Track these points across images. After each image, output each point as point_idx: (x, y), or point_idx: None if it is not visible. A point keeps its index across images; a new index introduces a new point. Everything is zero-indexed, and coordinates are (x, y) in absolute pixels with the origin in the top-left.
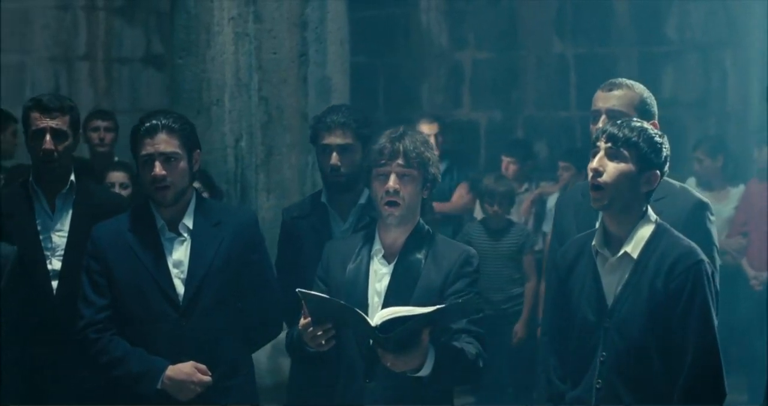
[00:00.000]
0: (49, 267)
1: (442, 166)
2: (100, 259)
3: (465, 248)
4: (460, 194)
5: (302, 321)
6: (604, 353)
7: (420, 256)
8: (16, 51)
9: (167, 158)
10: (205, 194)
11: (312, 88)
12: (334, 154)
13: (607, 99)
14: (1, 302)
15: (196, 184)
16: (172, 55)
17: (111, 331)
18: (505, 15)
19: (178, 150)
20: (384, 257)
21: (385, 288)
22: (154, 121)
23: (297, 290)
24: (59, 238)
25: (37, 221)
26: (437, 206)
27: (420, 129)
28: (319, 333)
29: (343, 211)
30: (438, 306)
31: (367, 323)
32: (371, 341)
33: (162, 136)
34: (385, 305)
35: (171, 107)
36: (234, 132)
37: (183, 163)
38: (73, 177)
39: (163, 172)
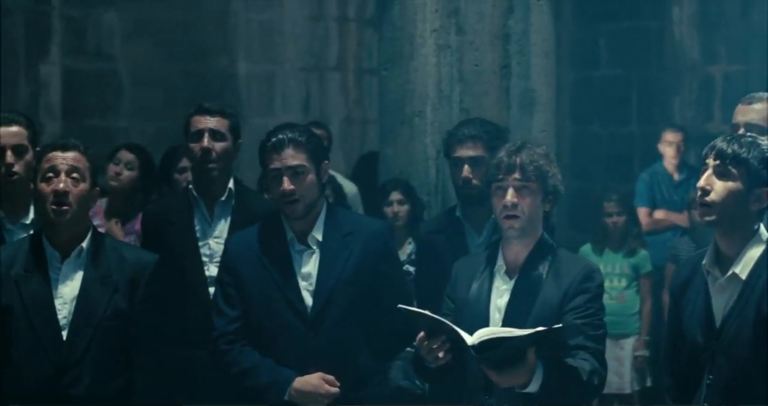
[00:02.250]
0: (207, 273)
1: (680, 177)
2: (232, 271)
3: (587, 263)
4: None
5: (419, 335)
6: (710, 376)
7: (541, 271)
8: (267, 61)
9: (295, 172)
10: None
11: (514, 101)
12: (466, 166)
13: (745, 113)
14: (138, 309)
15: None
16: (379, 67)
17: (241, 342)
18: (756, 28)
19: (305, 163)
20: (506, 272)
21: (506, 304)
22: (280, 136)
23: (398, 306)
24: (217, 244)
25: (196, 228)
26: (668, 215)
27: (664, 138)
28: (434, 347)
29: (478, 224)
30: (537, 329)
31: (463, 340)
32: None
33: (289, 151)
34: (505, 322)
35: (379, 118)
36: (435, 144)
37: (311, 177)
38: (231, 185)
39: (292, 187)
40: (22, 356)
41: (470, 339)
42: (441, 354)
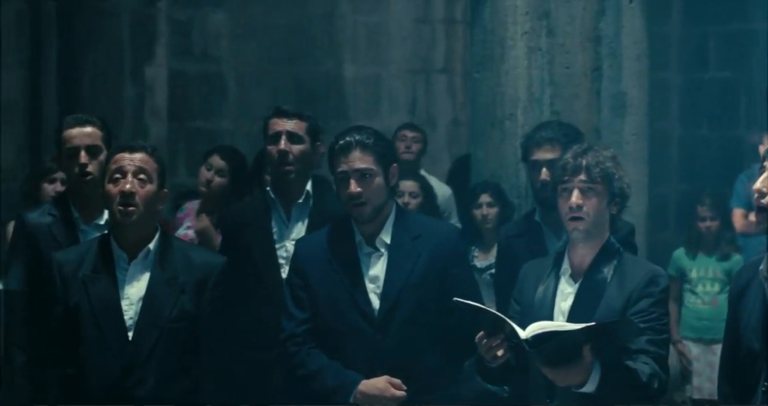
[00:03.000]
0: (283, 275)
1: None
2: (301, 273)
3: (652, 268)
4: None
5: (478, 335)
6: (766, 383)
7: (606, 275)
8: (373, 64)
9: (362, 175)
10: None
11: (605, 103)
12: (544, 169)
13: None
14: (204, 311)
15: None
16: (471, 70)
17: (309, 344)
18: None
19: (372, 166)
20: (571, 276)
21: (570, 308)
22: (347, 138)
23: (454, 299)
24: (293, 247)
25: (274, 230)
26: None
27: (766, 141)
28: (494, 345)
29: (557, 228)
30: (588, 324)
31: (518, 334)
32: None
33: (356, 154)
34: None
35: (470, 121)
36: None
37: (378, 180)
38: (309, 187)
39: (359, 190)
40: (89, 357)
41: (523, 333)
42: (500, 352)
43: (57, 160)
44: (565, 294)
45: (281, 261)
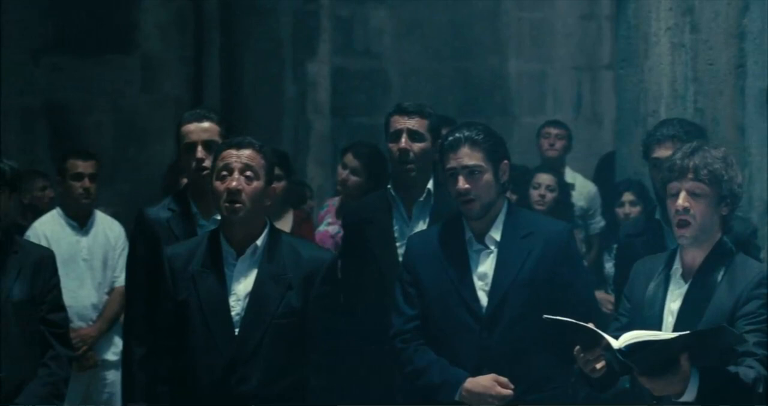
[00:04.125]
0: None
1: None
2: (411, 269)
3: (763, 269)
4: None
5: (575, 349)
6: None
7: (716, 276)
8: (538, 60)
9: (471, 172)
10: None
11: (750, 101)
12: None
13: None
14: (312, 307)
15: None
16: (616, 66)
17: (417, 341)
18: None
19: (481, 163)
20: (682, 275)
21: (678, 308)
22: (457, 135)
23: (543, 316)
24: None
25: (395, 228)
26: None
27: None
28: (591, 358)
29: None
30: (683, 332)
31: (610, 344)
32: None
33: (465, 150)
34: (677, 326)
35: (616, 118)
36: None
37: (488, 176)
38: (431, 185)
39: (467, 186)
40: (196, 351)
41: (616, 343)
42: (599, 365)
43: (178, 155)
44: (675, 294)
45: (401, 259)
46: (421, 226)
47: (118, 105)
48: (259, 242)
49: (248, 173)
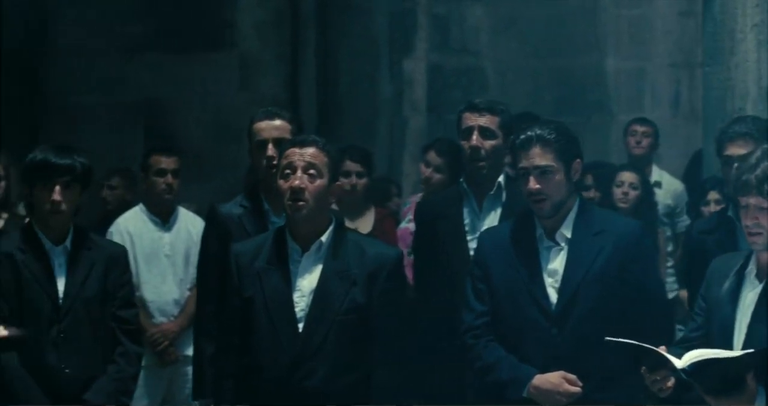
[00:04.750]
0: None
1: None
2: (482, 265)
3: None
4: None
5: (642, 369)
6: None
7: None
8: (636, 57)
9: (542, 172)
10: None
11: None
12: (735, 165)
13: None
14: (377, 304)
15: None
16: (703, 63)
17: (487, 337)
18: None
19: (552, 163)
20: (756, 276)
21: (752, 310)
22: (528, 134)
23: (605, 338)
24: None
25: (466, 221)
26: None
27: None
28: (658, 378)
29: None
30: (748, 350)
31: (672, 363)
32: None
33: (536, 150)
34: (751, 327)
35: (703, 115)
36: None
37: (559, 176)
38: (501, 179)
39: (538, 186)
40: (261, 348)
41: (679, 363)
42: (669, 384)
43: (249, 153)
44: (749, 295)
45: (472, 252)
46: (493, 219)
47: (215, 103)
48: (324, 238)
49: (311, 171)
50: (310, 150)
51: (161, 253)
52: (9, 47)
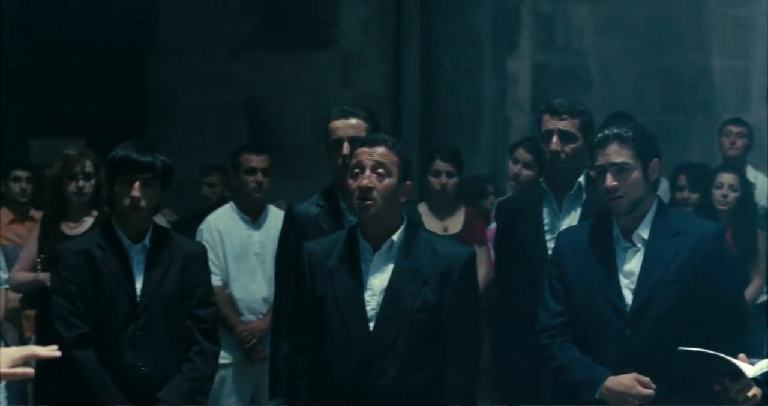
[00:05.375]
0: None
1: None
2: (559, 264)
3: None
4: None
5: (726, 380)
6: None
7: None
8: (742, 57)
9: (619, 169)
10: None
11: None
12: None
13: None
14: (448, 303)
15: None
16: None
17: (563, 337)
18: None
19: (629, 160)
20: None
21: None
22: (606, 132)
23: (679, 348)
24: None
25: (545, 221)
26: None
27: None
28: (741, 388)
29: None
30: None
31: (744, 374)
32: None
33: (613, 147)
34: None
35: None
36: None
37: (636, 174)
38: (582, 179)
39: (615, 183)
40: (333, 347)
41: (751, 372)
42: (752, 393)
43: (325, 152)
44: None
45: (551, 252)
46: (572, 219)
47: (317, 101)
48: (395, 237)
49: (380, 171)
50: (380, 149)
51: (251, 251)
52: (115, 46)
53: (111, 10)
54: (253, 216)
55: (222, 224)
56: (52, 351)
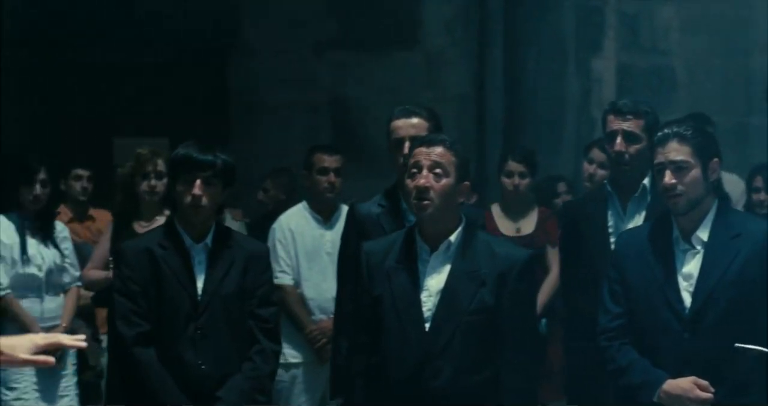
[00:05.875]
0: None
1: None
2: (618, 266)
3: None
4: None
5: None
6: None
7: None
8: None
9: (678, 167)
10: None
11: None
12: None
13: None
14: (506, 305)
15: None
16: None
17: (621, 340)
18: None
19: (688, 159)
20: None
21: None
22: (666, 130)
23: (735, 345)
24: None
25: (609, 223)
26: None
27: None
28: None
29: None
30: None
31: None
32: None
33: (673, 145)
34: None
35: None
36: None
37: (694, 172)
38: (647, 181)
39: (673, 181)
40: (389, 347)
41: None
42: None
43: (388, 151)
44: None
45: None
46: (637, 221)
47: (401, 101)
48: (452, 238)
49: (437, 171)
50: (438, 149)
51: (322, 251)
52: (200, 46)
53: (195, 9)
54: (325, 216)
55: (294, 224)
56: (77, 340)
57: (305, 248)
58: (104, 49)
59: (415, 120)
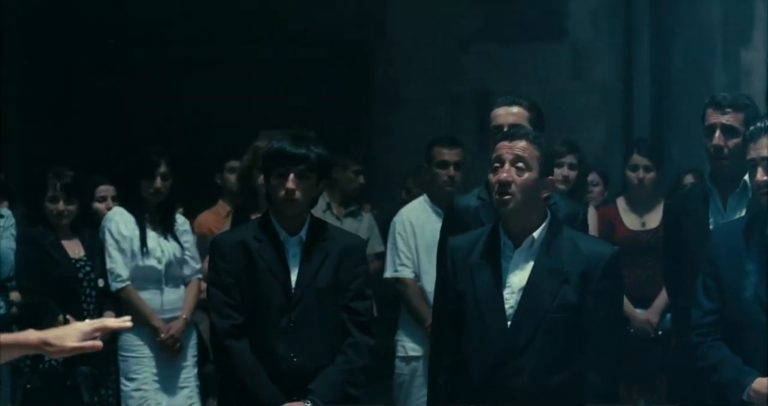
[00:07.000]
0: None
1: None
2: (713, 262)
3: None
4: None
5: None
6: None
7: None
8: None
9: None
10: None
11: None
12: None
13: None
14: (589, 303)
15: None
16: None
17: (714, 336)
18: None
19: None
20: None
21: None
22: (758, 125)
23: None
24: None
25: (710, 220)
26: None
27: None
28: None
29: None
30: None
31: None
32: None
33: (764, 140)
34: None
35: None
36: None
37: None
38: (747, 177)
39: (765, 178)
40: (471, 344)
41: None
42: None
43: (487, 140)
44: None
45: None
46: (737, 216)
47: (548, 93)
48: (536, 234)
49: (519, 164)
50: (520, 143)
51: None
52: (346, 40)
53: (342, 4)
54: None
55: (414, 217)
56: (123, 322)
57: (425, 241)
58: (252, 45)
59: (515, 109)
